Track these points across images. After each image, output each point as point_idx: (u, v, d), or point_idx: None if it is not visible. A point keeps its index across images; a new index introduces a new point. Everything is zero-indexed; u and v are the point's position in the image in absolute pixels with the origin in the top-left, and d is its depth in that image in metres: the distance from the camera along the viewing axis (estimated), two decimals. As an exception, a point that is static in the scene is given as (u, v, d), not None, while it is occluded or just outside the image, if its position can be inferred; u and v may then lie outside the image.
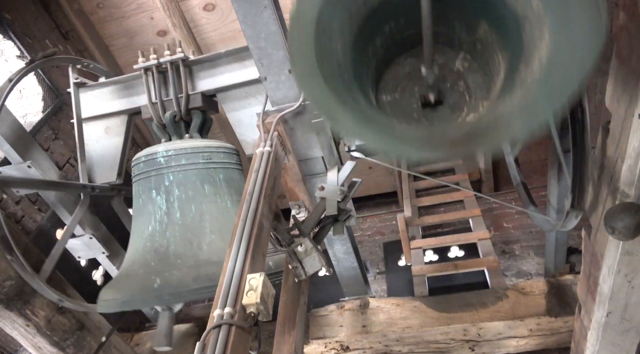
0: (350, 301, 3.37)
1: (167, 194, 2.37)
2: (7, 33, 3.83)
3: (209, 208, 2.36)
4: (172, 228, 2.30)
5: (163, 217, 2.33)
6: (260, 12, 1.96)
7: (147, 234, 2.34)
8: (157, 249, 2.26)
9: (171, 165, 2.41)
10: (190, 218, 2.32)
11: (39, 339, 2.71)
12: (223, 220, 2.36)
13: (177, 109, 2.67)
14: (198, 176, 2.41)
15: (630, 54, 1.32)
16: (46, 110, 4.02)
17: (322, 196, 2.05)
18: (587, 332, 2.19)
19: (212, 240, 2.28)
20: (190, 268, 2.17)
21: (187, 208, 2.33)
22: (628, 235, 1.38)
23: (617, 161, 1.51)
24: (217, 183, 2.44)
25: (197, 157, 2.44)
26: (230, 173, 2.53)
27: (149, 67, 2.67)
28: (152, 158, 2.45)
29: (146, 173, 2.45)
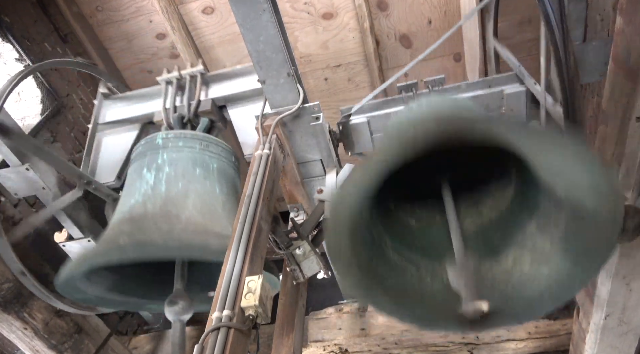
0: (349, 304, 3.37)
1: (157, 171, 2.34)
2: (5, 36, 3.83)
3: (195, 188, 2.31)
4: (153, 200, 2.23)
5: (147, 190, 2.28)
6: (259, 15, 1.97)
7: (127, 207, 2.27)
8: (132, 217, 2.18)
9: (168, 146, 2.41)
10: (175, 193, 2.26)
11: (36, 343, 2.70)
12: (208, 201, 2.29)
13: (187, 111, 2.76)
14: (192, 158, 2.40)
15: (628, 58, 1.33)
16: (45, 113, 4.02)
17: (321, 199, 2.06)
18: (586, 335, 2.19)
19: (192, 215, 2.18)
20: (162, 232, 2.06)
21: (174, 184, 2.29)
22: (626, 237, 1.39)
23: (615, 164, 1.52)
24: (209, 169, 2.42)
25: (195, 142, 2.45)
26: (225, 166, 2.51)
27: (171, 79, 2.89)
28: (151, 141, 2.46)
29: (142, 154, 2.45)
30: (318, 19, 4.16)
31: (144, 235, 2.02)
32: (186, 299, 2.03)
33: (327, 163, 2.37)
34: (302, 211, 2.47)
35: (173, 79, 2.90)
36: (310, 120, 2.23)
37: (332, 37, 4.34)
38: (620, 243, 1.57)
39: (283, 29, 2.08)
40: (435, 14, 4.06)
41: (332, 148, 2.34)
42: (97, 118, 3.10)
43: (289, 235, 1.79)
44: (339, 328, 3.27)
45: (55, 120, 4.08)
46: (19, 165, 2.72)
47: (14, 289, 2.52)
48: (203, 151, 2.44)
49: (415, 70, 2.74)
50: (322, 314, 3.38)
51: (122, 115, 3.07)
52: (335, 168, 2.36)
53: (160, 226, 2.07)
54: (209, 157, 2.45)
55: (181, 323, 2.29)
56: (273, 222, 1.81)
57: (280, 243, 1.76)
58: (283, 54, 2.08)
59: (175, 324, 2.27)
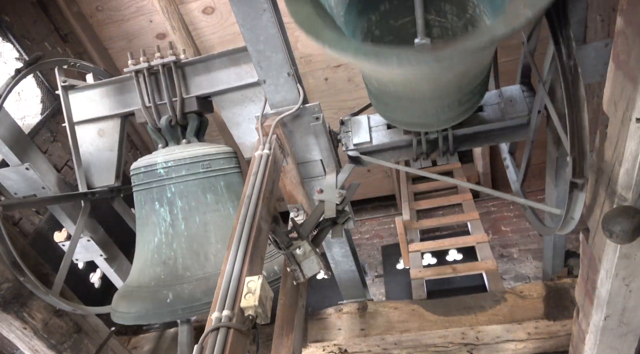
0: (349, 304, 3.37)
1: (170, 205, 2.40)
2: (6, 35, 3.83)
3: (212, 218, 2.40)
4: (178, 240, 2.34)
5: (168, 229, 2.37)
6: (259, 15, 1.97)
7: (154, 245, 2.38)
8: (165, 261, 2.31)
9: (172, 176, 2.44)
10: (195, 228, 2.36)
11: (35, 342, 2.70)
12: (226, 227, 2.40)
13: (172, 113, 2.66)
14: (199, 186, 2.44)
15: (628, 58, 1.33)
16: (44, 112, 4.02)
17: (321, 199, 2.06)
18: (585, 336, 2.19)
19: (218, 250, 2.32)
20: (199, 280, 2.22)
21: (191, 219, 2.37)
22: (626, 238, 1.38)
23: (615, 165, 1.51)
24: (218, 191, 2.47)
25: (197, 167, 2.46)
26: (230, 179, 2.54)
27: (140, 69, 2.64)
28: (152, 169, 2.47)
29: (147, 184, 2.48)
30: (318, 19, 4.15)
31: (184, 288, 2.19)
32: None
33: (327, 163, 2.37)
34: (302, 211, 2.47)
35: (143, 70, 2.63)
36: (311, 120, 2.23)
37: (332, 38, 4.34)
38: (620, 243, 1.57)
39: (283, 29, 2.08)
40: (435, 15, 4.06)
41: (332, 148, 2.34)
42: (70, 116, 2.88)
43: (289, 235, 1.79)
44: (338, 329, 3.26)
45: (55, 120, 4.08)
46: (18, 164, 2.71)
47: (13, 289, 2.52)
48: (207, 172, 2.47)
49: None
50: (322, 315, 3.38)
51: (98, 112, 2.88)
52: (336, 168, 2.36)
53: (195, 273, 2.25)
54: (215, 177, 2.49)
55: (189, 324, 2.31)
56: (273, 222, 1.81)
57: (280, 243, 1.76)
58: (283, 54, 2.08)
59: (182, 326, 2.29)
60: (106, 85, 2.86)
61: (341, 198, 2.04)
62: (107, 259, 3.18)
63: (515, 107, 2.23)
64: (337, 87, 4.80)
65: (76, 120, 2.92)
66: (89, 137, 2.96)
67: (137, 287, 2.31)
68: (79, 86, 2.92)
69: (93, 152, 2.97)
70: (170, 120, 2.66)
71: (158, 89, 2.69)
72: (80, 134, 2.95)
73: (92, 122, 2.93)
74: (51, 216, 3.36)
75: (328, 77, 4.73)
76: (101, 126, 2.93)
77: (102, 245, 3.13)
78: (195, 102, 2.67)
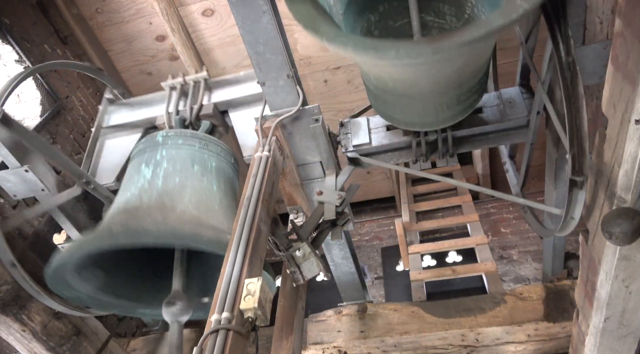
0: (348, 306, 3.36)
1: (155, 166, 2.34)
2: (5, 37, 3.83)
3: (192, 183, 2.31)
4: (149, 193, 2.22)
5: (144, 184, 2.27)
6: (258, 17, 1.97)
7: (123, 199, 2.26)
8: (127, 209, 2.17)
9: (167, 143, 2.42)
10: (171, 186, 2.26)
11: (34, 345, 2.69)
12: (204, 197, 2.28)
13: (188, 114, 2.78)
14: (190, 156, 2.40)
15: (627, 60, 1.33)
16: (44, 114, 4.02)
17: (320, 201, 2.06)
18: (585, 337, 2.19)
19: (187, 208, 2.17)
20: (156, 221, 2.05)
21: (171, 179, 2.29)
22: (625, 240, 1.38)
23: (614, 166, 1.52)
24: (207, 167, 2.42)
25: (194, 141, 2.45)
26: (223, 166, 2.51)
27: (175, 85, 2.92)
28: (151, 139, 2.46)
29: (142, 150, 2.45)
30: (318, 21, 4.16)
31: (137, 223, 2.00)
32: (185, 300, 2.00)
33: (327, 165, 2.37)
34: (302, 213, 2.47)
35: (177, 85, 2.94)
36: (310, 122, 2.23)
37: (331, 40, 4.34)
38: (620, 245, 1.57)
39: (283, 31, 2.08)
40: (434, 17, 4.06)
41: (332, 150, 2.34)
42: (100, 122, 3.15)
43: (288, 237, 1.79)
44: (338, 331, 3.26)
45: (55, 122, 4.08)
46: (18, 166, 2.71)
47: (12, 291, 2.51)
48: (202, 149, 2.45)
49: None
50: (322, 317, 3.38)
51: (125, 120, 3.10)
52: (335, 170, 2.36)
53: (154, 216, 2.05)
54: (208, 155, 2.45)
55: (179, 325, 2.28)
56: (272, 224, 1.81)
57: (279, 245, 1.76)
58: (283, 56, 2.09)
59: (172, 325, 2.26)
60: (140, 103, 3.13)
61: (341, 200, 2.04)
62: (107, 261, 3.18)
63: (514, 108, 2.23)
64: (336, 89, 4.81)
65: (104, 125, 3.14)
66: (107, 143, 3.11)
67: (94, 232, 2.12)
68: (119, 102, 3.20)
69: (104, 156, 3.09)
70: (185, 120, 2.76)
71: (185, 99, 2.94)
72: (101, 139, 3.13)
73: (116, 130, 3.13)
74: (50, 218, 3.35)
75: (327, 79, 4.73)
76: (123, 134, 3.11)
77: (101, 247, 3.13)
78: (212, 107, 2.81)
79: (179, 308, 1.98)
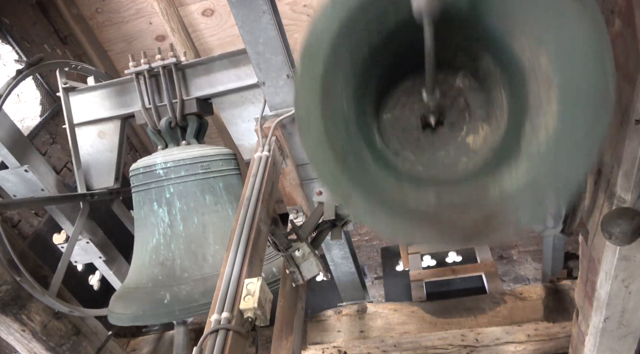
0: (348, 306, 3.36)
1: (169, 206, 2.39)
2: (5, 37, 3.83)
3: (211, 219, 2.39)
4: (176, 241, 2.33)
5: (166, 230, 2.36)
6: (258, 17, 1.97)
7: (152, 246, 2.37)
8: (163, 262, 2.30)
9: (171, 177, 2.43)
10: (193, 229, 2.35)
11: (34, 345, 2.69)
12: (225, 228, 2.38)
13: (171, 115, 2.66)
14: (198, 186, 2.43)
15: (627, 60, 1.33)
16: (44, 114, 4.02)
17: (320, 201, 2.05)
18: (585, 337, 2.19)
19: (216, 251, 2.31)
20: (197, 281, 2.21)
21: (190, 220, 2.37)
22: (625, 240, 1.38)
23: (614, 166, 1.52)
24: (217, 192, 2.46)
25: (196, 168, 2.46)
26: (229, 180, 2.54)
27: (141, 71, 2.64)
28: (151, 170, 2.46)
29: (146, 184, 2.47)
30: (317, 21, 4.16)
31: (181, 289, 2.18)
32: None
33: (327, 165, 2.37)
34: (302, 213, 2.47)
35: (144, 72, 2.64)
36: (310, 122, 2.22)
37: (331, 40, 4.34)
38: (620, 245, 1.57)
39: (282, 31, 2.08)
40: (434, 17, 4.06)
41: (332, 150, 2.33)
42: (70, 118, 2.89)
43: (288, 237, 1.79)
44: (337, 331, 3.26)
45: (55, 122, 4.08)
46: (17, 166, 2.71)
47: (12, 291, 2.51)
48: (206, 174, 2.47)
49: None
50: (321, 317, 3.38)
51: (98, 113, 2.89)
52: (335, 170, 2.35)
53: (192, 274, 2.24)
54: (214, 178, 2.48)
55: (185, 326, 2.30)
56: (272, 224, 1.81)
57: (279, 245, 1.76)
58: (282, 56, 2.08)
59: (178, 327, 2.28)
60: (106, 87, 2.86)
61: (340, 200, 2.03)
62: (107, 261, 3.17)
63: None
64: (336, 89, 4.81)
65: (76, 121, 2.92)
66: (89, 138, 2.96)
67: (134, 288, 2.30)
68: (80, 88, 2.92)
69: (93, 153, 2.97)
70: (170, 121, 2.66)
71: (158, 91, 2.69)
72: (80, 136, 2.95)
73: (93, 124, 2.93)
74: (50, 218, 3.35)
75: (327, 79, 4.73)
76: (101, 128, 2.93)
77: (101, 247, 3.13)
78: (195, 103, 2.67)
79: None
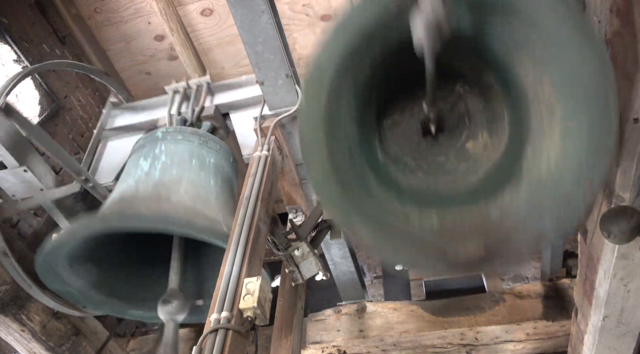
0: (348, 305, 3.37)
1: (153, 159, 2.34)
2: (3, 37, 3.82)
3: (189, 176, 2.29)
4: (145, 184, 2.21)
5: (141, 176, 2.26)
6: (257, 17, 1.97)
7: (119, 190, 2.27)
8: (122, 198, 2.17)
9: (167, 138, 2.43)
10: (168, 179, 2.24)
11: (34, 345, 2.69)
12: (201, 190, 2.26)
13: (190, 115, 2.80)
14: (189, 151, 2.41)
15: (625, 59, 1.33)
16: (43, 114, 4.01)
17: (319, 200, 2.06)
18: (584, 336, 2.19)
19: (183, 199, 2.15)
20: (150, 208, 2.04)
21: (168, 171, 2.28)
22: (623, 238, 1.39)
23: (612, 165, 1.52)
24: (205, 162, 2.42)
25: (194, 137, 2.46)
26: (222, 162, 2.51)
27: (178, 88, 2.97)
28: (151, 134, 2.48)
29: (141, 146, 2.46)
30: (316, 20, 4.16)
31: (130, 210, 1.99)
32: (181, 299, 1.98)
33: (326, 164, 2.37)
34: (301, 212, 2.47)
35: (180, 88, 2.98)
36: (309, 122, 2.23)
37: (330, 39, 4.34)
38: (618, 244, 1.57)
39: (281, 31, 2.08)
40: (433, 16, 4.06)
41: (331, 149, 2.34)
42: (103, 124, 3.21)
43: (287, 237, 1.79)
44: (337, 330, 3.26)
45: (54, 122, 4.07)
46: (16, 166, 2.71)
47: (11, 291, 2.51)
48: (201, 145, 2.45)
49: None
50: (321, 316, 3.38)
51: (128, 122, 3.15)
52: (334, 170, 2.36)
53: (149, 204, 2.04)
54: (207, 151, 2.46)
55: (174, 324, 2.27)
56: (271, 224, 1.81)
57: (278, 245, 1.76)
58: (281, 56, 2.09)
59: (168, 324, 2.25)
60: (144, 107, 3.18)
61: (340, 199, 2.03)
62: (106, 261, 3.18)
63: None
64: (335, 89, 4.81)
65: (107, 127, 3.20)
66: (109, 144, 3.15)
67: None
68: (123, 106, 3.26)
69: (105, 157, 3.11)
70: (186, 120, 2.77)
71: (187, 102, 2.97)
72: (103, 141, 3.18)
73: (119, 131, 3.16)
74: (49, 218, 3.35)
75: (326, 78, 4.73)
76: (123, 136, 3.13)
77: (100, 246, 3.13)
78: (214, 109, 2.83)
79: (175, 307, 1.95)
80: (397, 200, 1.32)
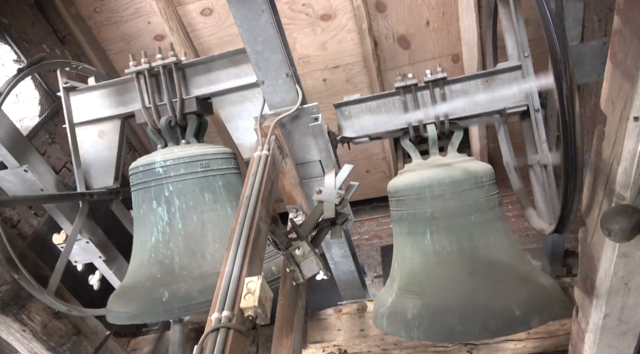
0: (348, 304, 3.36)
1: (168, 204, 2.39)
2: (4, 37, 3.82)
3: (210, 217, 2.38)
4: (175, 239, 2.33)
5: (165, 228, 2.36)
6: (257, 16, 1.97)
7: (151, 245, 2.36)
8: (161, 261, 2.29)
9: (170, 175, 2.43)
10: (192, 227, 2.35)
11: (34, 345, 2.69)
12: (224, 227, 2.38)
13: (171, 114, 2.65)
14: (197, 185, 2.43)
15: (625, 57, 1.33)
16: (43, 114, 4.01)
17: (320, 200, 2.06)
18: (585, 335, 2.19)
19: (215, 249, 2.30)
20: (196, 279, 2.20)
21: (189, 218, 2.36)
22: (624, 237, 1.39)
23: (613, 163, 1.52)
24: (216, 190, 2.46)
25: (196, 166, 2.45)
26: (229, 179, 2.54)
27: (141, 71, 2.64)
28: (150, 168, 2.45)
29: (145, 183, 2.46)
30: (316, 20, 4.16)
31: (180, 287, 2.17)
32: None
33: (326, 163, 2.38)
34: (301, 212, 2.47)
35: (144, 71, 2.64)
36: (309, 121, 2.23)
37: (330, 39, 4.35)
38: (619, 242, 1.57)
39: (281, 30, 2.08)
40: (433, 15, 4.07)
41: (331, 148, 2.34)
42: (70, 118, 2.90)
43: (288, 236, 1.79)
44: (338, 329, 3.26)
45: (54, 121, 4.08)
46: (17, 166, 2.71)
47: (12, 291, 2.51)
48: (205, 172, 2.47)
49: (413, 71, 2.76)
50: (322, 316, 3.38)
51: (98, 113, 2.89)
52: (334, 169, 2.36)
53: (191, 272, 2.23)
54: (213, 177, 2.48)
55: (181, 324, 2.30)
56: (272, 223, 1.81)
57: (279, 244, 1.76)
58: (282, 55, 2.08)
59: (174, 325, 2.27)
60: (107, 86, 2.85)
61: (340, 198, 2.04)
62: (106, 261, 3.17)
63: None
64: (335, 88, 4.81)
65: (77, 121, 2.91)
66: (89, 138, 2.95)
67: (132, 287, 2.29)
68: (80, 88, 2.92)
69: (92, 153, 2.96)
70: (170, 120, 2.65)
71: (158, 90, 2.69)
72: (80, 135, 2.94)
73: (93, 123, 2.92)
74: (50, 218, 3.35)
75: (326, 78, 4.73)
76: (101, 127, 2.92)
77: (101, 246, 3.12)
78: (195, 102, 2.66)
79: None
80: None
